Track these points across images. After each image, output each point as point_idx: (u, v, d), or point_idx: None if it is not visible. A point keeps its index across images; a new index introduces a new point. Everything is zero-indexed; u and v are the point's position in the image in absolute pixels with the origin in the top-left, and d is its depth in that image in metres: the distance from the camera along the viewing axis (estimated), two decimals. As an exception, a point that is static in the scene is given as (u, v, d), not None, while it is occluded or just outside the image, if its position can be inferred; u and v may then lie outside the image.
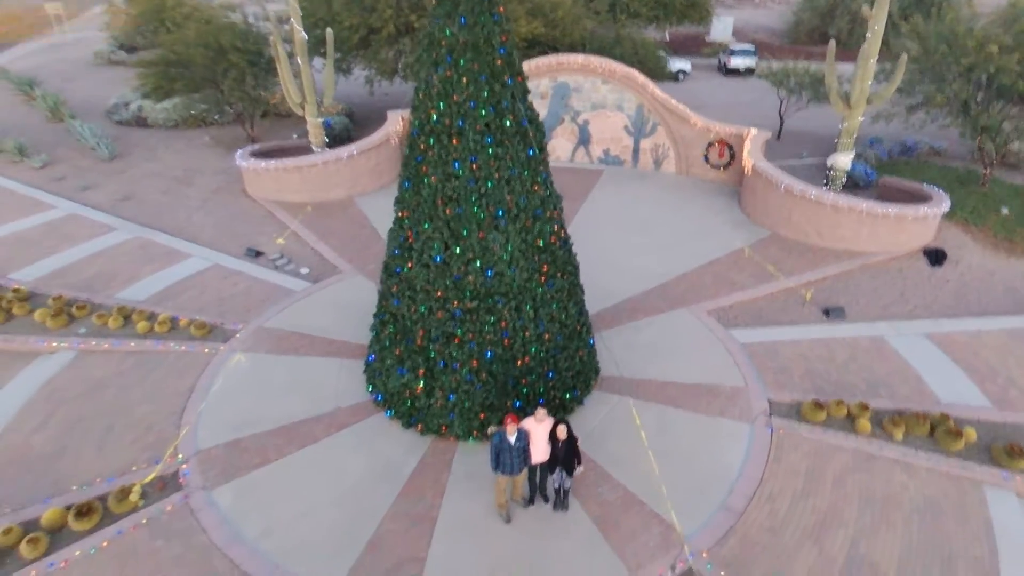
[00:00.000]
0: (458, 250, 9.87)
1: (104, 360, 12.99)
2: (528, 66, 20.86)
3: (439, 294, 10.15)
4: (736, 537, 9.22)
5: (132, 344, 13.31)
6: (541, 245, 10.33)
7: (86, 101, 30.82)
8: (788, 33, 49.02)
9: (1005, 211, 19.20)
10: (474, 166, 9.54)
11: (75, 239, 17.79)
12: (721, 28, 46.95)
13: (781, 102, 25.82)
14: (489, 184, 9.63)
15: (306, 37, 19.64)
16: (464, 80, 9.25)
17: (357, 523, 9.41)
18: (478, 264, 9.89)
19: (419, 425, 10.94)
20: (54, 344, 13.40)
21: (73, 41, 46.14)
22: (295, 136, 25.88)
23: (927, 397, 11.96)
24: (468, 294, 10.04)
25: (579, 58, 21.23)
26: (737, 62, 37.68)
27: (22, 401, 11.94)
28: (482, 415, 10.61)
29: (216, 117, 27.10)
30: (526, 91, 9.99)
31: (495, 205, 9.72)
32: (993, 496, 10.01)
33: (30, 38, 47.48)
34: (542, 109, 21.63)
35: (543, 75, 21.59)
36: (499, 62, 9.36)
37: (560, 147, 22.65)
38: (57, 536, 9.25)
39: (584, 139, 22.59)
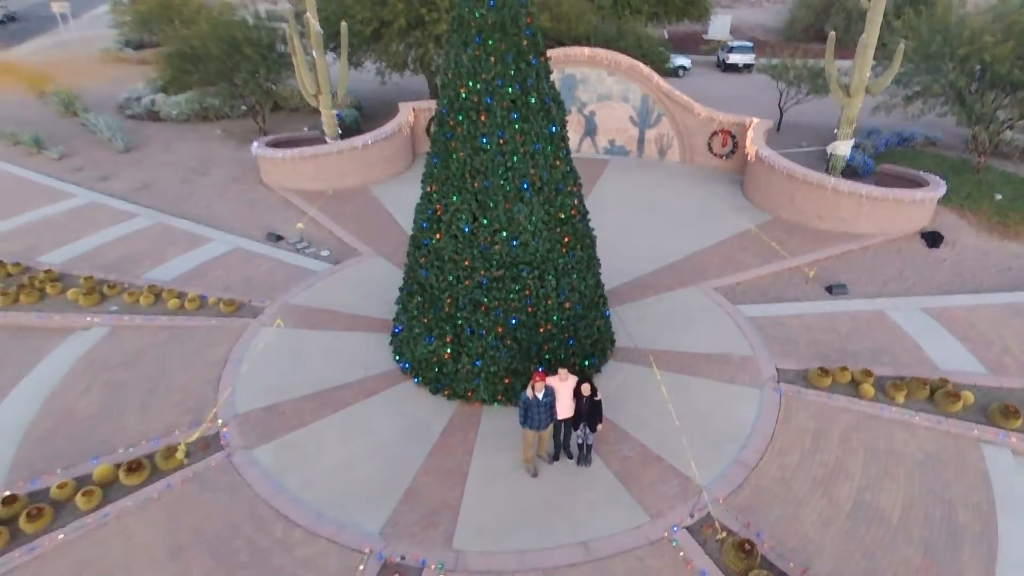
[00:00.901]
0: (485, 221, 10.45)
1: (138, 334, 13.53)
2: (536, 58, 21.42)
3: (467, 263, 10.72)
4: (750, 487, 9.83)
5: (164, 320, 13.86)
6: (563, 217, 10.92)
7: (97, 96, 31.27)
8: (784, 31, 49.81)
9: (999, 197, 19.88)
10: (501, 141, 10.13)
11: (98, 224, 18.33)
12: (719, 26, 47.68)
13: (780, 94, 26.48)
14: (515, 158, 10.21)
15: (321, 31, 20.20)
16: (492, 59, 9.84)
17: (393, 475, 10.00)
18: (504, 234, 10.48)
19: (446, 390, 11.50)
20: (88, 320, 13.93)
21: (80, 39, 46.55)
22: (305, 129, 26.42)
23: (926, 364, 12.60)
24: (494, 263, 10.62)
25: (585, 51, 21.85)
26: (735, 58, 38.44)
27: (64, 370, 12.49)
28: (506, 380, 11.19)
29: (228, 111, 27.64)
30: (549, 70, 10.60)
31: (520, 178, 10.31)
32: (990, 452, 10.62)
33: (36, 36, 47.92)
34: (550, 100, 22.20)
35: (551, 67, 22.15)
36: (525, 42, 9.96)
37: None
38: (109, 490, 9.79)
39: (590, 129, 23.20)
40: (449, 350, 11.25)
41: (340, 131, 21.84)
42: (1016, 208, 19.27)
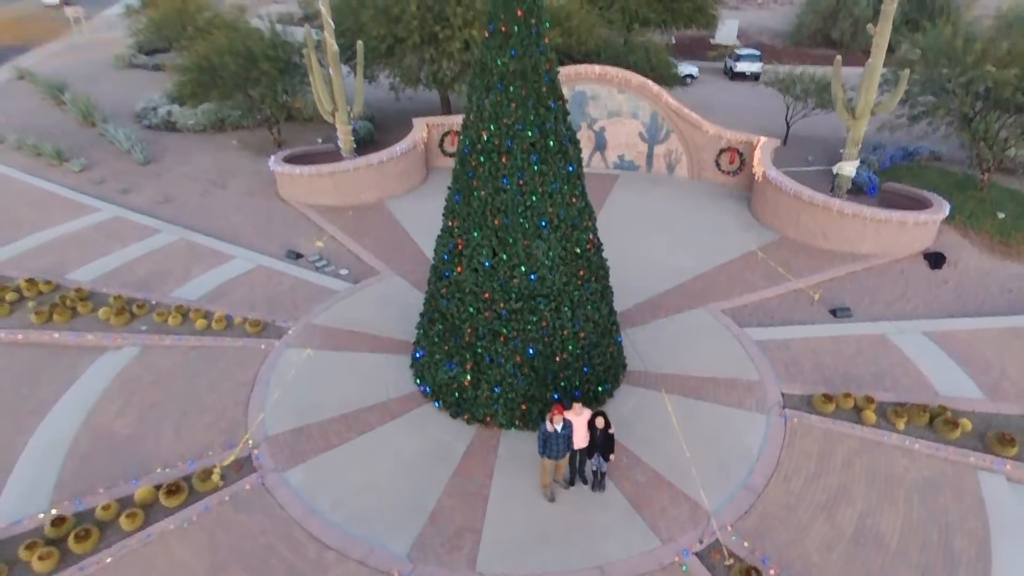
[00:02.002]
0: (505, 256, 10.97)
1: (168, 353, 14.12)
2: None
3: (487, 296, 11.25)
4: (757, 512, 10.36)
5: (193, 340, 14.44)
6: (578, 252, 11.42)
7: (113, 104, 31.84)
8: (791, 35, 50.02)
9: (1001, 215, 20.29)
10: (521, 181, 10.63)
11: (123, 239, 18.90)
12: (726, 31, 47.93)
13: (787, 108, 26.86)
14: (534, 197, 10.72)
15: (337, 49, 20.69)
16: (513, 104, 10.33)
17: (418, 497, 10.57)
18: (523, 269, 10.99)
19: (466, 415, 12.05)
20: (120, 339, 14.52)
21: (93, 44, 47.12)
22: (319, 140, 26.96)
23: (927, 389, 13.08)
24: (513, 296, 11.14)
25: (596, 69, 22.29)
26: (743, 66, 38.73)
27: (100, 390, 13.07)
28: (524, 405, 11.73)
29: (243, 122, 28.15)
30: (567, 112, 11.08)
31: (539, 216, 10.82)
32: (986, 479, 11.12)
33: (49, 40, 48.49)
34: (561, 116, 22.64)
35: (562, 84, 22.59)
36: (544, 88, 10.44)
37: (577, 152, 23.71)
38: (150, 511, 10.38)
39: (600, 145, 23.66)
40: (469, 377, 11.80)
41: (355, 145, 22.33)
42: (1019, 227, 19.68)
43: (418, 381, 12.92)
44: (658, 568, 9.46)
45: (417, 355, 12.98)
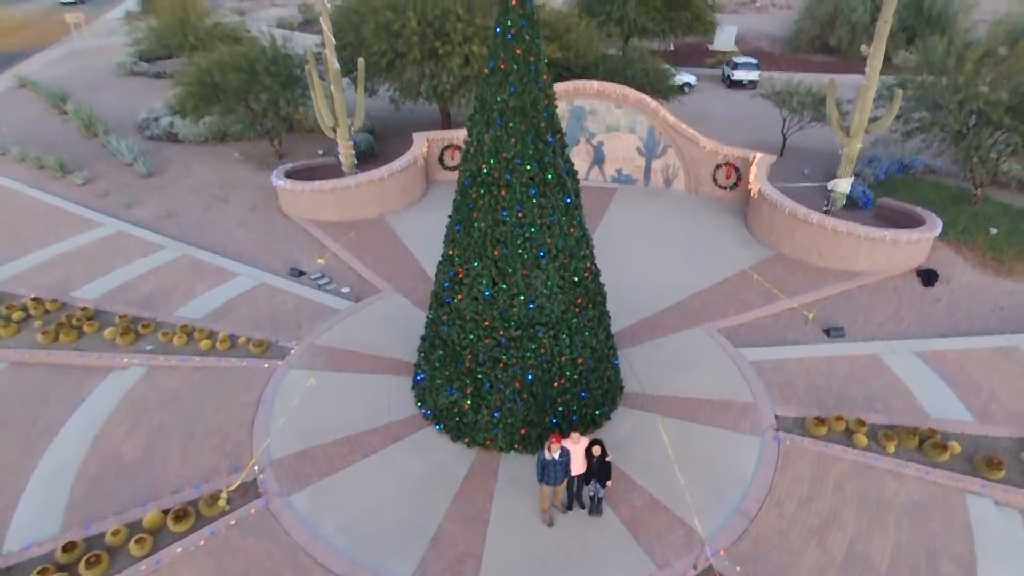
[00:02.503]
0: (504, 286, 11.23)
1: (174, 374, 14.38)
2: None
3: (487, 323, 11.52)
4: (750, 537, 10.64)
5: (197, 360, 14.69)
6: (576, 280, 11.68)
7: (115, 114, 32.07)
8: (790, 41, 50.23)
9: (994, 231, 20.56)
10: (520, 214, 10.89)
11: (128, 255, 19.14)
12: (724, 37, 48.13)
13: (784, 121, 27.10)
14: (533, 229, 10.98)
15: (339, 67, 20.92)
16: (512, 139, 10.58)
17: (420, 521, 10.85)
18: (522, 298, 11.25)
19: (466, 438, 12.32)
20: (125, 360, 14.77)
21: (94, 49, 47.31)
22: (320, 152, 27.20)
23: (917, 412, 13.36)
24: (513, 324, 11.41)
25: (594, 84, 22.53)
26: (740, 75, 38.96)
27: (107, 411, 13.34)
28: (523, 430, 12.00)
29: (245, 134, 28.35)
30: (564, 145, 11.34)
31: (538, 247, 11.08)
32: (973, 502, 11.40)
33: (49, 45, 48.67)
34: (559, 131, 22.87)
35: (561, 99, 22.82)
36: (542, 123, 10.69)
37: (576, 166, 23.88)
38: (158, 535, 10.64)
39: (598, 158, 23.91)
40: (469, 401, 12.06)
41: (356, 160, 22.55)
42: (1011, 242, 19.95)
43: (419, 404, 13.19)
44: (654, 594, 9.75)
45: (418, 378, 13.24)
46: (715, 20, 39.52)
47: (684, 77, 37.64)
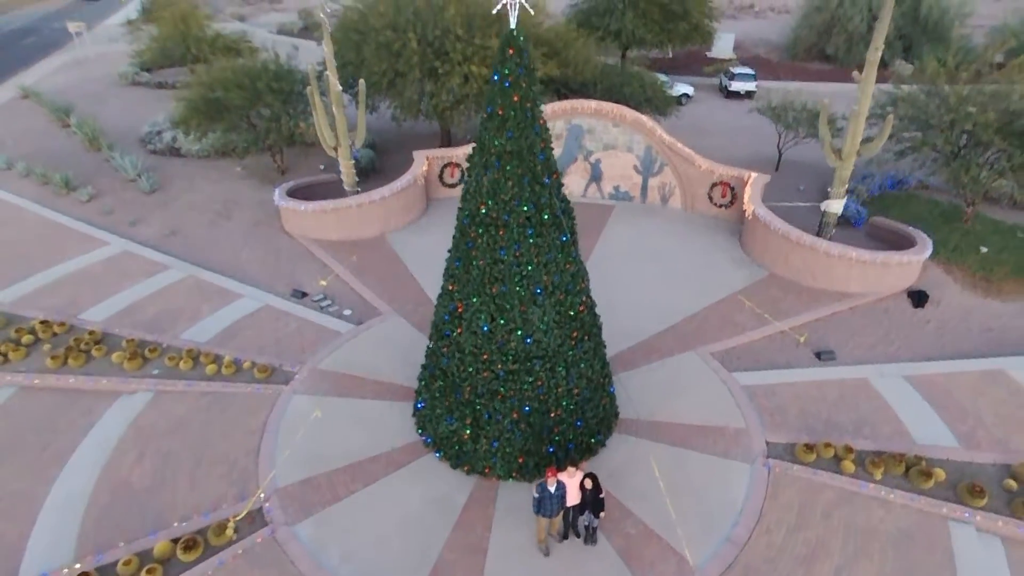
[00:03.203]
0: (503, 321, 11.60)
1: (181, 399, 14.75)
2: (545, 110, 22.35)
3: (485, 357, 11.89)
4: (739, 567, 11.03)
5: (204, 385, 15.07)
6: (572, 315, 12.05)
7: (118, 127, 32.39)
8: (787, 49, 50.51)
9: (984, 250, 20.92)
10: (517, 253, 11.24)
11: (133, 277, 19.49)
12: (722, 45, 48.38)
13: (779, 136, 27.43)
14: (530, 267, 11.34)
15: (340, 89, 21.26)
16: (509, 182, 10.93)
17: (421, 551, 11.26)
18: (519, 333, 11.63)
19: (466, 466, 12.71)
20: (133, 385, 15.14)
21: (95, 57, 47.59)
22: (322, 167, 27.52)
23: (904, 437, 13.75)
24: (510, 357, 11.78)
25: (592, 104, 22.87)
26: (737, 85, 39.27)
27: (115, 438, 13.70)
28: (520, 459, 12.39)
29: (248, 148, 28.68)
30: (560, 185, 11.68)
31: (535, 284, 11.44)
32: (956, 530, 11.79)
33: (50, 54, 49.00)
34: (558, 148, 23.22)
35: (559, 118, 23.22)
36: (538, 167, 11.04)
37: (574, 183, 24.31)
38: (168, 565, 11.02)
39: (596, 176, 24.25)
40: (469, 431, 12.45)
41: (357, 178, 22.88)
42: (1001, 261, 20.32)
43: (420, 431, 13.57)
44: (646, 624, 10.14)
45: (419, 406, 13.62)
46: (713, 29, 39.80)
47: (681, 88, 37.96)
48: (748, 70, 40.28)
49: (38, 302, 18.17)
